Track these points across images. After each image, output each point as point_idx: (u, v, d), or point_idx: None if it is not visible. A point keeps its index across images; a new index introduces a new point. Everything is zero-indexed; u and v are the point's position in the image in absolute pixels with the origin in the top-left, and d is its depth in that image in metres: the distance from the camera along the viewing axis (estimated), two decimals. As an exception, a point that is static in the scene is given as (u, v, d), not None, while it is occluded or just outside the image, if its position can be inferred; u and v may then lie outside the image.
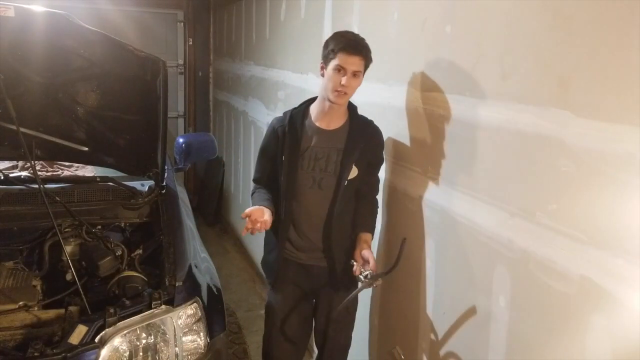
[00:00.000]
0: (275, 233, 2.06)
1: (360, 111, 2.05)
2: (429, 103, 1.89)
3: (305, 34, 3.04)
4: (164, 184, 2.49)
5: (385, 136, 2.06)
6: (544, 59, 1.37)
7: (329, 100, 1.90)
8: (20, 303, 1.83)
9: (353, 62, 1.83)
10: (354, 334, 2.20)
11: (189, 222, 2.43)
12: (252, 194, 2.12)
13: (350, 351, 2.21)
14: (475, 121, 1.65)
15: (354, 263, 1.89)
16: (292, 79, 3.24)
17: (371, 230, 2.04)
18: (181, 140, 3.04)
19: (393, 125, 2.12)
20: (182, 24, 5.71)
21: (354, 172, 1.96)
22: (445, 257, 1.85)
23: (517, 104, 1.46)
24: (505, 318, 1.55)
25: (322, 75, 1.92)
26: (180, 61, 5.75)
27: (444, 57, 1.80)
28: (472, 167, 1.68)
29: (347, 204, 2.01)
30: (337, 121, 1.99)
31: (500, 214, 1.55)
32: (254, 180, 2.16)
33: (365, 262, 1.88)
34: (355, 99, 2.43)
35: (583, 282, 1.26)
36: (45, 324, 1.77)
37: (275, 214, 2.01)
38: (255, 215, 1.84)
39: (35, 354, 1.55)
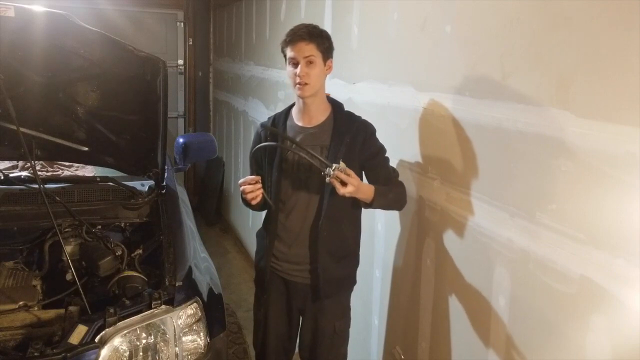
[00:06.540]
0: (264, 240, 2.06)
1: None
2: (428, 103, 1.89)
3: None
4: (164, 184, 2.49)
5: (385, 136, 2.06)
6: (544, 59, 1.37)
7: (298, 96, 1.89)
8: (20, 303, 1.83)
9: (300, 50, 1.81)
10: (353, 335, 2.19)
11: (189, 222, 2.42)
12: None
13: (350, 351, 2.21)
14: (475, 121, 1.65)
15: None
16: (292, 79, 3.24)
17: (378, 190, 1.82)
18: (181, 140, 3.04)
19: (393, 126, 2.12)
20: (182, 24, 5.71)
21: None
22: (445, 257, 1.85)
23: (517, 104, 1.46)
24: (505, 318, 1.55)
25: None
26: (180, 61, 5.75)
27: (444, 57, 1.79)
28: (472, 167, 1.68)
29: (338, 205, 1.89)
30: (318, 117, 1.92)
31: (500, 214, 1.55)
32: None
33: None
34: (354, 99, 2.43)
35: (583, 282, 1.26)
36: (45, 324, 1.77)
37: (264, 221, 2.04)
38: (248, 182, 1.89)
39: (35, 354, 1.54)
